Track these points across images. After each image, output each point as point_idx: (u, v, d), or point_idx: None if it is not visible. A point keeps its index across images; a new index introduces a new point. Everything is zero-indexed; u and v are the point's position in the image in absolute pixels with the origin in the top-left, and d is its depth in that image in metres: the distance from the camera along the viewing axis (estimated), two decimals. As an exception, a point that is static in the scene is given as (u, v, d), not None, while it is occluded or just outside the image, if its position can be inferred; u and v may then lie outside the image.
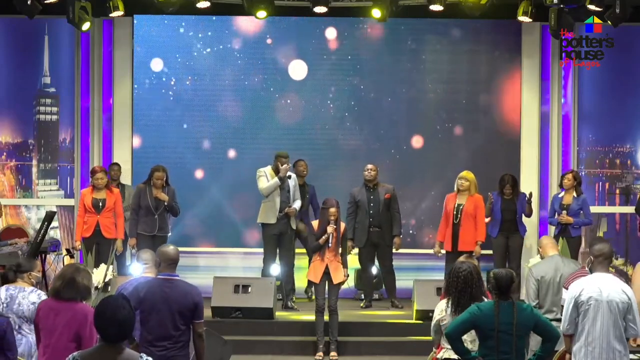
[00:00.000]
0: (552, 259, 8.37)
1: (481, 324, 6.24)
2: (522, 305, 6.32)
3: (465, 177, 11.60)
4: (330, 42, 13.26)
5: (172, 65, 13.24)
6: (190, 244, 13.06)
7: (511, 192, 11.90)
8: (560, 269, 8.23)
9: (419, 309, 10.81)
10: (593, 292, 6.66)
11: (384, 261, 11.95)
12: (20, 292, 7.27)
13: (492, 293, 6.32)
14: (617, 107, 13.07)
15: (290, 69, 13.25)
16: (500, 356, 6.20)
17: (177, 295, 6.68)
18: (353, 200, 11.90)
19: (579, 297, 6.69)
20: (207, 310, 10.85)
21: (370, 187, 11.89)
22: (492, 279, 6.29)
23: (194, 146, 13.24)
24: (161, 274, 6.83)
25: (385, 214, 11.84)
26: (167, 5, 11.70)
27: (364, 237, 11.84)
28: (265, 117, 13.22)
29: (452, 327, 6.29)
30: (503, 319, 6.20)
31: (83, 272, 6.70)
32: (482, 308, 6.27)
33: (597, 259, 6.84)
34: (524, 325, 6.25)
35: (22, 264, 7.54)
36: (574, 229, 11.71)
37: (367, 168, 11.92)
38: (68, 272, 6.75)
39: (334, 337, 10.26)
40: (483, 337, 6.26)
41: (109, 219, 11.41)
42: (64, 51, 13.12)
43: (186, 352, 6.72)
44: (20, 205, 13.11)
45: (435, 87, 13.30)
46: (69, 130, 13.15)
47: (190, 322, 6.70)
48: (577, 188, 11.82)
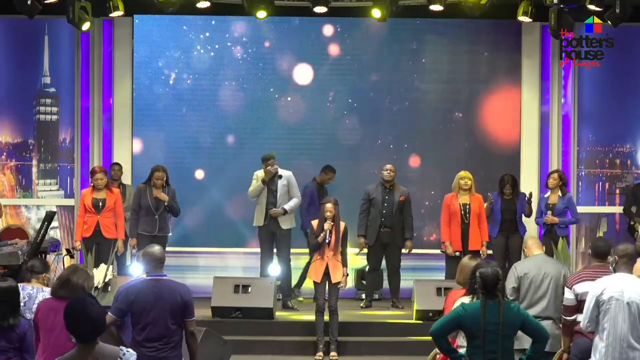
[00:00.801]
0: (537, 258, 8.36)
1: (467, 324, 6.22)
2: (509, 304, 6.29)
3: (467, 177, 11.63)
4: (330, 42, 13.26)
5: (172, 65, 13.24)
6: (190, 244, 13.07)
7: (511, 192, 11.91)
8: (543, 268, 8.23)
9: (419, 309, 10.81)
10: (615, 292, 6.67)
11: (391, 262, 11.96)
12: (39, 293, 7.29)
13: (477, 292, 6.28)
14: (617, 107, 13.08)
15: (290, 69, 13.25)
16: (486, 356, 6.17)
17: (166, 294, 6.67)
18: (367, 198, 11.89)
19: (601, 295, 6.68)
20: (207, 310, 10.89)
21: (387, 187, 11.89)
22: (478, 278, 6.26)
23: (194, 146, 13.24)
24: (149, 275, 6.81)
25: (397, 215, 11.84)
26: (167, 5, 11.70)
27: (374, 236, 11.85)
28: (266, 117, 13.22)
29: (437, 326, 6.28)
30: (490, 319, 6.17)
31: (80, 272, 6.71)
32: (467, 308, 6.26)
33: (621, 259, 6.84)
34: (510, 325, 6.21)
35: (36, 266, 7.57)
36: (560, 229, 11.71)
37: (386, 168, 11.91)
38: (65, 272, 6.79)
39: (334, 337, 10.26)
40: (469, 337, 6.25)
41: (109, 219, 11.40)
42: (64, 51, 13.12)
43: (178, 353, 6.68)
44: (20, 205, 13.11)
45: (435, 87, 13.30)
46: (69, 130, 13.15)
47: (181, 322, 6.69)
48: (562, 188, 11.83)
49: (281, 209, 11.57)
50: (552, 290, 8.08)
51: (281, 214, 11.57)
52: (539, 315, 7.91)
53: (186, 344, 6.75)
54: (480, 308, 6.19)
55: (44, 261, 7.80)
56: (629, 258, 6.85)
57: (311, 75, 13.25)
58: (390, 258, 11.96)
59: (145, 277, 6.89)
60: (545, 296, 8.11)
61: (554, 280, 8.13)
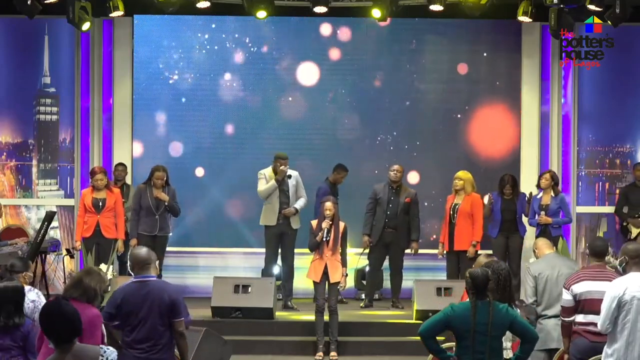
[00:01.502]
0: (549, 257, 8.39)
1: (455, 324, 6.23)
2: (498, 305, 6.29)
3: (459, 177, 11.65)
4: (330, 42, 13.26)
5: (172, 65, 13.23)
6: (190, 244, 13.08)
7: (511, 192, 11.91)
8: (557, 266, 8.26)
9: (419, 309, 10.81)
10: (636, 291, 6.70)
11: (394, 262, 11.97)
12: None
13: (468, 293, 6.29)
14: (617, 107, 13.08)
15: (290, 68, 13.25)
16: (475, 356, 6.18)
17: (153, 295, 6.60)
18: (374, 197, 11.89)
19: (623, 296, 6.70)
20: (207, 310, 10.89)
21: (393, 187, 11.89)
22: (468, 278, 6.27)
23: (194, 146, 13.24)
24: (136, 276, 6.76)
25: (402, 216, 11.85)
26: (167, 5, 11.70)
27: (377, 236, 11.87)
28: (265, 117, 13.22)
29: (426, 327, 6.30)
30: (479, 319, 6.18)
31: (93, 275, 6.67)
32: (456, 308, 6.27)
33: (633, 259, 6.86)
34: (499, 326, 6.23)
35: (16, 265, 7.59)
36: (553, 229, 11.72)
37: (393, 169, 11.91)
38: (79, 273, 6.77)
39: (334, 337, 10.26)
40: (458, 337, 6.26)
41: (109, 219, 11.40)
42: (64, 51, 13.12)
43: (167, 356, 6.63)
44: (20, 205, 13.11)
45: (435, 87, 13.30)
46: (69, 130, 13.15)
47: (169, 323, 6.62)
48: (554, 188, 11.84)
49: (293, 208, 11.59)
50: None
51: (294, 213, 11.59)
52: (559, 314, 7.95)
53: (176, 344, 6.71)
54: (471, 309, 6.20)
55: (24, 260, 7.79)
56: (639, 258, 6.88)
57: (311, 75, 13.25)
58: (393, 259, 11.97)
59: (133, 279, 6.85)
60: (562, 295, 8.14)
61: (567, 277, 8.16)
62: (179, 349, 6.71)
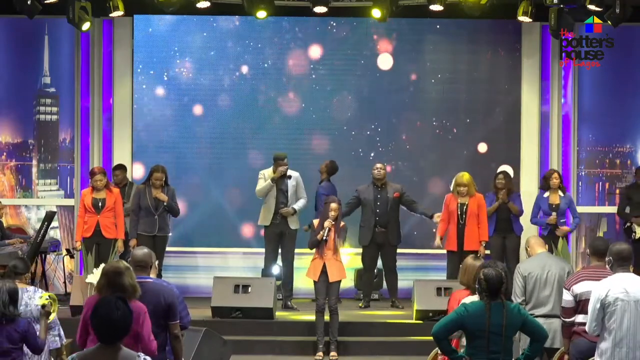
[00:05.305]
0: (540, 256, 8.38)
1: (469, 324, 6.21)
2: (510, 305, 6.29)
3: (462, 184, 11.49)
4: (330, 42, 13.27)
5: (172, 65, 13.24)
6: (190, 244, 13.08)
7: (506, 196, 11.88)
8: (547, 266, 8.25)
9: (419, 309, 10.80)
10: (619, 292, 6.68)
11: (387, 261, 11.95)
12: (24, 293, 7.24)
13: (481, 294, 6.27)
14: (617, 107, 13.08)
15: (290, 69, 13.26)
16: (490, 356, 6.18)
17: (149, 297, 6.49)
18: (357, 196, 11.85)
19: (606, 298, 6.69)
20: (207, 310, 10.89)
21: (378, 186, 11.88)
22: (482, 280, 6.24)
23: (194, 146, 13.24)
24: None
25: (392, 213, 11.83)
26: (167, 5, 11.70)
27: (368, 237, 11.84)
28: (265, 117, 13.23)
29: (439, 328, 6.27)
30: (493, 320, 6.17)
31: (127, 272, 6.51)
32: (469, 308, 6.24)
33: (617, 261, 6.86)
34: (513, 326, 6.23)
35: (19, 266, 7.51)
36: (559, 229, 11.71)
37: (376, 167, 11.91)
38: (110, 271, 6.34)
39: (334, 337, 10.25)
40: (470, 337, 6.24)
41: (109, 219, 11.39)
42: (64, 51, 13.13)
43: (161, 357, 6.55)
44: (20, 205, 13.11)
45: (435, 87, 13.30)
46: (69, 130, 13.15)
47: (165, 325, 6.57)
48: (562, 187, 11.85)
49: (291, 208, 11.59)
50: (557, 288, 8.10)
51: (291, 213, 11.59)
52: (547, 314, 7.94)
53: (171, 347, 6.68)
54: (486, 310, 6.18)
55: (25, 261, 7.77)
56: (624, 259, 6.88)
57: (312, 75, 13.26)
58: (386, 258, 11.95)
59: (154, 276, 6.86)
60: (551, 295, 8.15)
61: (557, 278, 8.17)
62: (174, 352, 6.65)
